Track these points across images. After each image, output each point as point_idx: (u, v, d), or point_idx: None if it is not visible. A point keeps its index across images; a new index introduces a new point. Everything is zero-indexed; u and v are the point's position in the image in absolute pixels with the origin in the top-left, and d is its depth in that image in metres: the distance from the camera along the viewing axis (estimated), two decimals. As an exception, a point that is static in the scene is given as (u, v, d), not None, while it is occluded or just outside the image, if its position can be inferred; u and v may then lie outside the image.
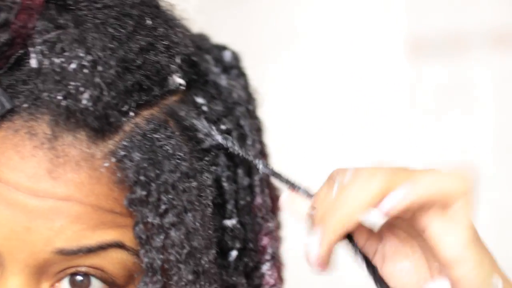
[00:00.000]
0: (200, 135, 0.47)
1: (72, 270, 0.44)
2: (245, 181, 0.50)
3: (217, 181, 0.48)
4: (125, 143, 0.43)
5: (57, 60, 0.42)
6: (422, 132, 1.75)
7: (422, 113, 1.74)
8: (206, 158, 0.47)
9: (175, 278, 0.43)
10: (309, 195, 0.46)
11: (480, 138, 1.66)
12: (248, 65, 1.90)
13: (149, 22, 0.45)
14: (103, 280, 0.44)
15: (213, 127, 0.48)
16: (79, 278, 0.44)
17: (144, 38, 0.45)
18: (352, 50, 1.83)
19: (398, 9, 1.77)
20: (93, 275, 0.44)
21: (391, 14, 1.78)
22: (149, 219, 0.42)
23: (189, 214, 0.43)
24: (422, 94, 1.74)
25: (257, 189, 0.50)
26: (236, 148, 0.47)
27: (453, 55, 1.69)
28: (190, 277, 0.43)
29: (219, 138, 0.47)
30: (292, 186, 0.47)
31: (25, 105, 0.42)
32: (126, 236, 0.43)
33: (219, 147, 0.48)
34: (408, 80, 1.76)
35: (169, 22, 0.48)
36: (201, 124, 0.47)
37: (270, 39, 2.01)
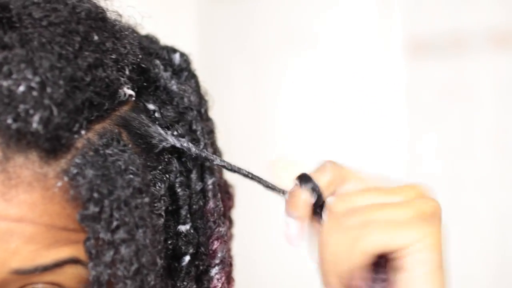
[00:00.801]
0: (154, 141, 0.47)
1: (29, 287, 0.44)
2: (198, 186, 0.50)
3: (171, 187, 0.49)
4: (77, 160, 0.43)
5: (5, 83, 0.42)
6: (421, 132, 1.75)
7: (422, 113, 1.74)
8: (160, 167, 0.48)
9: None
10: (274, 187, 0.49)
11: (480, 138, 1.66)
12: (248, 65, 1.88)
13: (96, 37, 0.45)
14: None
15: (167, 132, 0.48)
16: None
17: (92, 54, 0.45)
18: (351, 50, 1.84)
19: (397, 9, 1.77)
20: None
21: (391, 14, 1.78)
22: (101, 235, 0.43)
23: (140, 231, 0.44)
24: (422, 94, 1.74)
25: (210, 194, 0.51)
26: (193, 149, 0.48)
27: (453, 55, 1.69)
28: None
29: (174, 141, 0.48)
30: (251, 178, 0.50)
31: None
32: (81, 251, 0.44)
33: (172, 151, 0.48)
34: (407, 80, 1.76)
35: (117, 34, 0.47)
36: (155, 130, 0.48)
37: (270, 39, 2.01)
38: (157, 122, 0.49)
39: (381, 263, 0.47)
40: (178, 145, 0.48)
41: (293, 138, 1.96)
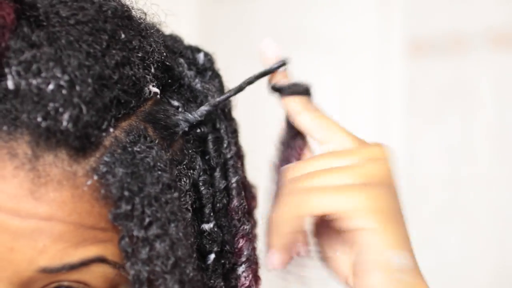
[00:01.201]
0: (178, 129, 0.48)
1: (55, 284, 0.44)
2: (222, 184, 0.50)
3: (195, 185, 0.49)
4: (106, 158, 0.43)
5: (34, 82, 0.42)
6: (421, 132, 1.75)
7: (422, 113, 1.75)
8: (184, 162, 0.48)
9: None
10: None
11: (480, 138, 1.66)
12: (248, 65, 1.89)
13: (123, 35, 0.45)
14: None
15: (191, 113, 0.48)
16: None
17: (119, 52, 0.44)
18: (351, 50, 1.84)
19: (397, 9, 1.77)
20: None
21: (391, 14, 1.78)
22: (134, 233, 0.43)
23: (172, 225, 0.44)
24: (422, 94, 1.74)
25: (234, 192, 0.51)
26: (215, 99, 0.49)
27: (453, 55, 1.69)
28: (177, 286, 0.43)
29: (197, 112, 0.49)
30: (255, 79, 0.51)
31: (5, 127, 0.42)
32: (108, 250, 0.44)
33: (199, 143, 0.49)
34: (407, 80, 1.76)
35: (142, 32, 0.47)
36: (181, 117, 0.48)
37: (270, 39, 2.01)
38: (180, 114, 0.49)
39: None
40: (198, 117, 0.49)
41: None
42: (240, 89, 0.52)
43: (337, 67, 1.86)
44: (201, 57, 0.54)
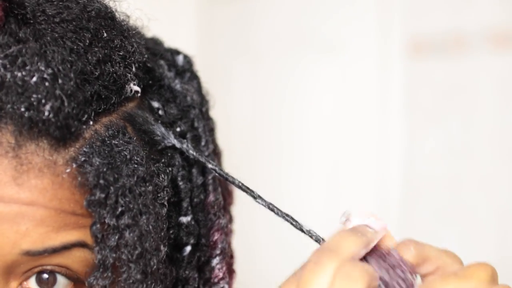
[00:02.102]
0: (157, 138, 0.50)
1: (39, 268, 0.46)
2: (199, 180, 0.53)
3: (173, 180, 0.51)
4: (85, 149, 0.46)
5: (19, 74, 0.44)
6: (421, 132, 1.75)
7: (422, 113, 1.75)
8: (163, 160, 0.50)
9: (124, 276, 0.46)
10: (264, 200, 0.49)
11: (480, 138, 1.66)
12: (248, 65, 1.87)
13: (105, 34, 0.48)
14: (68, 277, 0.47)
15: (170, 132, 0.50)
16: (45, 276, 0.46)
17: (101, 50, 0.47)
18: (351, 50, 1.84)
19: (397, 9, 1.77)
20: (59, 273, 0.47)
21: (391, 14, 1.78)
22: (106, 220, 0.45)
23: (144, 217, 0.46)
24: (422, 94, 1.74)
25: (210, 187, 0.53)
26: (191, 152, 0.50)
27: (453, 55, 1.69)
28: (139, 276, 0.46)
29: (175, 142, 0.50)
30: (244, 190, 0.50)
31: None
32: (88, 236, 0.46)
33: (174, 147, 0.51)
34: (407, 80, 1.76)
35: (124, 32, 0.50)
36: (158, 129, 0.50)
37: (270, 39, 2.01)
38: (160, 120, 0.51)
39: None
40: (178, 146, 0.51)
41: (292, 138, 1.96)
42: (226, 178, 0.51)
43: (337, 67, 1.86)
44: (180, 59, 0.57)
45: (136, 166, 0.46)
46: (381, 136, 1.81)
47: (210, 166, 0.51)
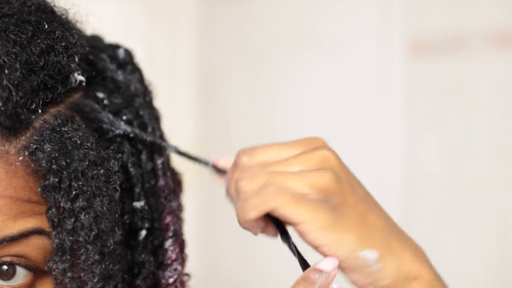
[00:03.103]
0: (105, 126, 0.52)
1: None
2: (149, 166, 0.54)
3: (124, 167, 0.53)
4: (36, 137, 0.47)
5: None
6: (421, 132, 1.75)
7: (422, 113, 1.75)
8: (112, 147, 0.52)
9: (83, 257, 0.47)
10: (217, 169, 0.54)
11: (480, 138, 1.66)
12: (248, 65, 1.87)
13: (46, 26, 0.49)
14: (27, 267, 0.48)
15: (117, 119, 0.52)
16: (4, 267, 0.47)
17: (44, 41, 0.49)
18: (351, 50, 1.84)
19: (397, 9, 1.77)
20: (18, 264, 0.48)
21: (391, 14, 1.78)
22: (61, 204, 0.46)
23: (97, 199, 0.47)
24: (422, 94, 1.74)
25: (160, 172, 0.55)
26: (141, 134, 0.53)
27: (453, 55, 1.69)
28: (97, 257, 0.47)
29: (124, 127, 0.52)
30: (198, 161, 0.55)
31: None
32: (45, 223, 0.47)
33: (123, 135, 0.53)
34: (407, 80, 1.76)
35: (65, 25, 0.52)
36: (106, 116, 0.52)
37: (270, 39, 2.01)
38: (106, 109, 0.53)
39: None
40: (129, 130, 0.53)
41: (292, 137, 1.96)
42: (175, 150, 0.57)
43: (337, 67, 1.86)
44: (121, 52, 0.58)
45: (86, 150, 0.48)
46: (381, 136, 1.81)
47: (163, 144, 0.53)
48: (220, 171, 0.57)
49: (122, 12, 1.96)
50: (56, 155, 0.46)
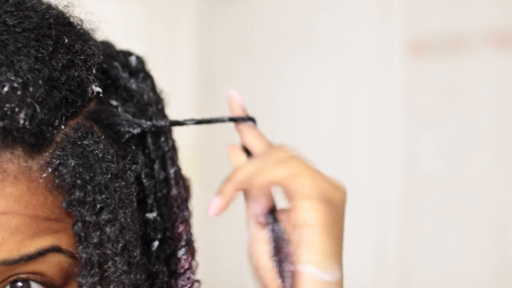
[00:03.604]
0: (122, 129, 0.52)
1: (14, 278, 0.47)
2: (161, 175, 0.55)
3: (138, 178, 0.53)
4: (58, 152, 0.47)
5: None
6: (421, 131, 1.75)
7: (422, 113, 1.75)
8: (128, 157, 0.52)
9: (112, 269, 0.47)
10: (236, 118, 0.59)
11: (480, 138, 1.67)
12: (248, 65, 1.87)
13: (66, 40, 0.49)
14: (42, 283, 0.47)
15: (135, 119, 0.53)
16: (19, 284, 0.47)
17: (64, 55, 0.48)
18: (351, 50, 1.84)
19: (397, 9, 1.77)
20: (33, 280, 0.47)
21: (391, 15, 1.78)
22: (87, 218, 0.46)
23: (121, 211, 0.48)
24: (421, 94, 1.74)
25: (172, 181, 0.55)
26: (161, 123, 0.53)
27: (453, 55, 1.70)
28: (126, 267, 0.47)
29: (143, 122, 0.53)
30: (221, 120, 0.58)
31: None
32: (62, 240, 0.47)
33: (137, 143, 0.53)
34: (407, 80, 1.76)
35: (83, 36, 0.51)
36: (124, 117, 0.52)
37: (270, 39, 2.01)
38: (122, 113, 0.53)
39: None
40: (158, 124, 0.53)
41: (292, 138, 1.96)
42: (200, 121, 0.58)
43: (337, 67, 1.86)
44: (133, 60, 0.58)
45: (108, 163, 0.47)
46: (381, 136, 1.81)
47: (189, 122, 0.55)
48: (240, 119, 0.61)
49: (122, 12, 1.96)
50: (80, 169, 0.46)
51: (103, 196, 0.47)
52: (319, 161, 2.15)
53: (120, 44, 0.60)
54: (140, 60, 0.58)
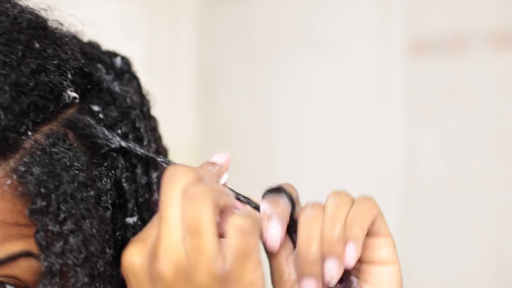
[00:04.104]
0: (100, 141, 0.50)
1: None
2: (143, 180, 0.53)
3: (117, 182, 0.52)
4: (25, 159, 0.46)
5: None
6: (421, 131, 1.75)
7: (422, 113, 1.75)
8: (105, 164, 0.50)
9: (72, 280, 0.46)
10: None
11: (480, 138, 1.67)
12: (248, 65, 1.88)
13: (37, 45, 0.48)
14: (17, 286, 0.47)
15: (113, 133, 0.51)
16: None
17: (34, 60, 0.47)
18: (351, 50, 1.84)
19: (398, 9, 1.77)
20: (7, 283, 0.47)
21: (391, 15, 1.78)
22: (49, 227, 0.45)
23: (87, 221, 0.47)
24: (422, 94, 1.74)
25: (155, 186, 0.54)
26: (138, 149, 0.51)
27: (453, 55, 1.69)
28: (86, 279, 0.46)
29: (120, 141, 0.51)
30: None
31: None
32: (33, 245, 0.46)
33: (118, 150, 0.51)
34: (407, 80, 1.76)
35: (57, 41, 0.50)
36: (100, 131, 0.50)
37: (270, 39, 2.01)
38: (101, 123, 0.52)
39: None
40: (124, 145, 0.51)
41: (292, 138, 1.96)
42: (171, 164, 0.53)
43: (337, 67, 1.86)
44: (118, 61, 0.57)
45: (77, 172, 0.47)
46: (381, 136, 1.81)
47: (159, 160, 0.51)
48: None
49: (122, 12, 1.96)
50: (45, 178, 0.45)
51: (68, 205, 0.46)
52: (319, 161, 2.15)
53: (120, 44, 0.60)
54: (125, 61, 0.57)
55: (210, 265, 0.40)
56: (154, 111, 0.60)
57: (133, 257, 0.43)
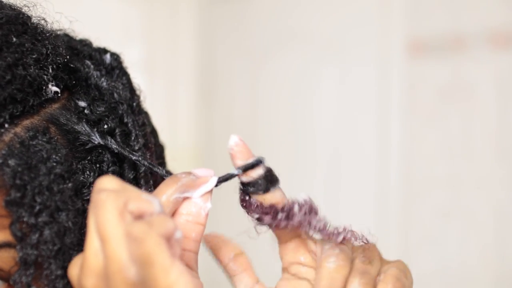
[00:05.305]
0: (83, 138, 0.51)
1: None
2: (131, 175, 0.53)
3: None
4: (3, 152, 0.46)
5: None
6: (421, 132, 1.75)
7: (422, 113, 1.75)
8: (89, 157, 0.51)
9: (46, 272, 0.47)
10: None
11: (480, 138, 1.66)
12: (248, 65, 1.87)
13: (14, 39, 0.49)
14: (0, 277, 0.48)
15: (94, 129, 0.51)
16: None
17: (11, 54, 0.48)
18: (352, 50, 1.84)
19: (398, 9, 1.77)
20: None
21: (391, 14, 1.78)
22: (25, 218, 0.46)
23: (63, 214, 0.47)
24: (422, 94, 1.74)
25: (142, 181, 0.54)
26: (114, 146, 0.51)
27: (453, 55, 1.69)
28: (59, 272, 0.47)
29: (98, 138, 0.51)
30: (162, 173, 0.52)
31: None
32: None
33: (102, 145, 0.52)
34: (407, 80, 1.76)
35: (38, 36, 0.51)
36: (82, 128, 0.51)
37: (270, 38, 2.01)
38: (86, 118, 0.52)
39: None
40: (101, 142, 0.52)
41: (292, 138, 1.96)
42: (151, 167, 0.53)
43: (337, 67, 1.86)
44: (107, 57, 0.57)
45: (54, 164, 0.47)
46: (381, 136, 1.81)
47: (133, 158, 0.52)
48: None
49: (122, 12, 1.96)
50: (20, 169, 0.46)
51: (43, 197, 0.46)
52: (319, 161, 2.15)
53: (120, 44, 0.60)
54: (115, 57, 0.58)
55: (122, 272, 0.39)
56: (154, 111, 0.60)
57: (73, 268, 0.43)
